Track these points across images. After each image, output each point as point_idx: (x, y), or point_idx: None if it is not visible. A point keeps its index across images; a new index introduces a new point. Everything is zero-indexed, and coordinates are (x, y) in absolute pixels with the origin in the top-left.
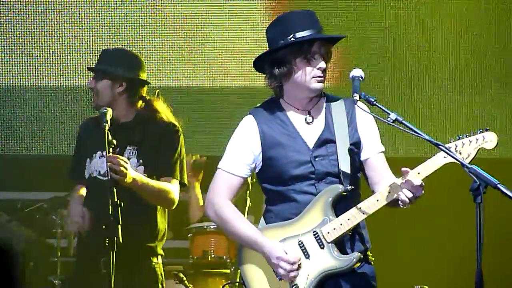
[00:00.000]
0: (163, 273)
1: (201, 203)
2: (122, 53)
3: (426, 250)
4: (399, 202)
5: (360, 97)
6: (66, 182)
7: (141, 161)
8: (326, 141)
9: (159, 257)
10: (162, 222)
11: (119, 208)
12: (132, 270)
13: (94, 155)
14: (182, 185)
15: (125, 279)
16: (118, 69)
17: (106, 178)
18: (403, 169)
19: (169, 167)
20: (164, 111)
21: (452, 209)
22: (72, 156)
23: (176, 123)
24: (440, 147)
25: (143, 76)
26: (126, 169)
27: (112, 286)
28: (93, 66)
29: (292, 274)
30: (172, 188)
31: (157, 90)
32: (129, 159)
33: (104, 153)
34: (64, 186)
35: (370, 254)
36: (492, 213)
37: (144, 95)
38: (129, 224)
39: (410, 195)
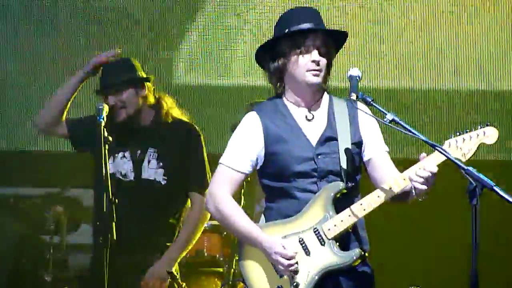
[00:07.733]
0: (178, 272)
1: None
2: (123, 60)
3: (421, 250)
4: (413, 193)
5: (357, 97)
6: (59, 178)
7: (161, 163)
8: (328, 138)
9: None
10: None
11: (113, 206)
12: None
13: (116, 155)
14: None
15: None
16: (135, 74)
17: (128, 179)
18: (422, 154)
19: (200, 182)
20: (176, 110)
21: (448, 209)
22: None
23: (194, 125)
24: (437, 148)
25: (144, 74)
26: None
27: (106, 285)
28: (111, 81)
29: (291, 268)
30: (197, 215)
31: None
32: (149, 161)
33: (126, 154)
34: (58, 182)
35: (368, 256)
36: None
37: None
38: (147, 224)
39: (424, 178)
